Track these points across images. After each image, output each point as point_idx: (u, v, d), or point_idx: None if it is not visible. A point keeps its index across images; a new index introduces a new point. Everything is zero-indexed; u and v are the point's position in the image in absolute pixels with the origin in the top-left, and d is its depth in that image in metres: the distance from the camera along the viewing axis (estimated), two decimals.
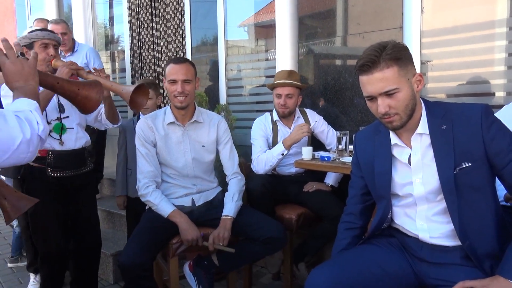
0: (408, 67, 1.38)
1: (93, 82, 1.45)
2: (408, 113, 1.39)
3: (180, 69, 2.26)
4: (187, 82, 2.26)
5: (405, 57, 1.38)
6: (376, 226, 1.60)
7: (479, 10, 2.43)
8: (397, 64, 1.35)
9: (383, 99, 1.38)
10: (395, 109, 1.38)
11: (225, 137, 2.46)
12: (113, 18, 5.02)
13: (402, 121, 1.40)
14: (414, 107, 1.40)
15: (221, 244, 2.17)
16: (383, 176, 1.53)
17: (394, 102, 1.37)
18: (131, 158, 2.88)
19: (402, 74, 1.36)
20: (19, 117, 1.08)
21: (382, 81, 1.35)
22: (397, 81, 1.35)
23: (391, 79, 1.35)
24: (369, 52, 1.38)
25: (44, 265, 2.36)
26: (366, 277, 1.46)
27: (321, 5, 3.09)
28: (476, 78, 2.49)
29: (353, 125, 2.87)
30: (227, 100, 3.81)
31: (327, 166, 2.38)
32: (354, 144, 1.71)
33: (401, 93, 1.36)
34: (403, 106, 1.37)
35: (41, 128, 1.13)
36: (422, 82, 1.42)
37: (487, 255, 1.38)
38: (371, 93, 1.40)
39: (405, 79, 1.37)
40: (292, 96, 2.71)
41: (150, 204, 2.28)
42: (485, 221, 1.40)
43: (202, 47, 4.05)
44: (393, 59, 1.35)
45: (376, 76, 1.36)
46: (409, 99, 1.38)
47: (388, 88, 1.35)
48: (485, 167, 1.38)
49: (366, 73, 1.38)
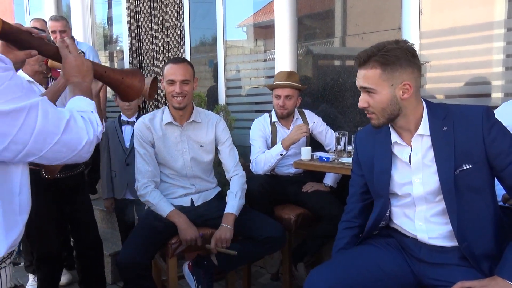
0: (396, 73, 1.39)
1: (135, 70, 1.46)
2: (386, 116, 1.45)
3: (178, 69, 2.25)
4: (186, 82, 2.26)
5: (396, 63, 1.39)
6: (373, 225, 1.60)
7: (477, 11, 2.44)
8: (382, 68, 1.40)
9: (364, 94, 1.47)
10: (372, 108, 1.45)
11: (224, 136, 2.46)
12: (112, 18, 5.02)
13: (379, 121, 1.46)
14: (395, 112, 1.44)
15: (223, 246, 2.17)
16: (383, 174, 1.54)
17: (372, 101, 1.44)
18: (115, 160, 2.88)
19: (384, 79, 1.40)
20: (84, 118, 1.09)
21: (363, 78, 1.44)
22: (376, 83, 1.41)
23: (370, 79, 1.42)
24: (368, 49, 1.44)
25: (41, 266, 2.36)
26: (365, 278, 1.47)
27: (320, 6, 3.09)
28: (475, 79, 2.49)
29: (352, 126, 2.87)
30: (226, 100, 3.81)
31: (326, 166, 2.39)
32: (354, 142, 1.73)
33: (377, 95, 1.42)
34: (379, 108, 1.44)
35: (99, 129, 1.15)
36: (410, 91, 1.41)
37: (485, 256, 1.39)
38: (357, 85, 1.50)
39: (386, 83, 1.40)
40: (291, 98, 2.72)
41: (149, 204, 2.28)
42: (484, 222, 1.41)
43: (201, 47, 4.06)
44: (379, 63, 1.40)
45: (361, 72, 1.46)
46: (386, 103, 1.42)
47: (365, 85, 1.43)
48: (485, 169, 1.39)
49: (357, 66, 1.48)
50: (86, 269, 2.52)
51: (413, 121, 1.46)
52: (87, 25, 5.04)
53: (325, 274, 1.48)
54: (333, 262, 1.57)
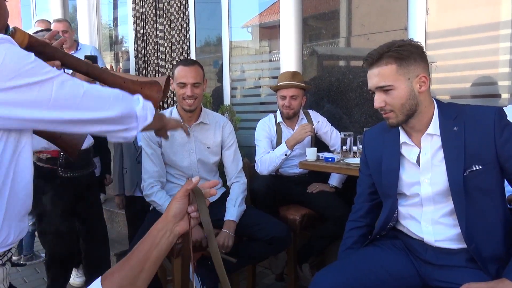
0: (411, 67, 1.39)
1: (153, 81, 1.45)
2: (405, 113, 1.42)
3: (189, 72, 2.25)
4: (197, 85, 2.26)
5: (410, 57, 1.39)
6: (382, 225, 1.60)
7: (483, 11, 2.43)
8: (397, 63, 1.39)
9: (379, 94, 1.43)
10: (390, 106, 1.42)
11: (229, 140, 2.46)
12: (118, 19, 5.04)
13: (398, 119, 1.43)
14: (413, 107, 1.42)
15: (223, 252, 2.16)
16: (391, 174, 1.53)
17: (390, 99, 1.41)
18: (127, 157, 2.93)
19: (401, 73, 1.39)
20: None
21: (378, 76, 1.42)
22: (393, 79, 1.39)
23: (387, 76, 1.40)
24: (377, 48, 1.43)
25: (53, 266, 2.37)
26: (370, 280, 1.47)
27: (325, 6, 3.09)
28: (481, 80, 2.48)
29: (357, 127, 2.86)
30: (231, 101, 3.82)
31: (332, 167, 2.38)
32: (363, 141, 1.73)
33: (396, 91, 1.40)
34: (398, 105, 1.41)
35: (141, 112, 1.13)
36: (427, 84, 1.42)
37: (492, 258, 1.38)
38: (369, 87, 1.47)
39: (403, 78, 1.39)
40: (296, 98, 2.72)
41: (155, 204, 2.28)
42: (492, 224, 1.40)
43: (206, 48, 4.06)
44: (394, 58, 1.39)
45: (374, 71, 1.43)
46: (405, 98, 1.40)
47: (382, 84, 1.41)
48: (495, 171, 1.38)
49: (367, 67, 1.46)
50: (93, 269, 2.53)
51: (425, 120, 1.45)
52: (93, 26, 5.06)
53: (331, 277, 1.47)
54: (338, 264, 1.56)
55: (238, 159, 2.49)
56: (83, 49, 4.01)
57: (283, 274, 2.90)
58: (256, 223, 2.25)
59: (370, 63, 1.44)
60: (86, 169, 2.39)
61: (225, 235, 2.19)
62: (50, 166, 2.25)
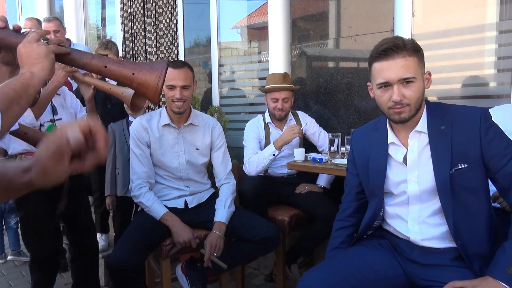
0: (423, 63, 1.43)
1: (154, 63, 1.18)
2: (417, 107, 1.42)
3: (179, 75, 2.22)
4: (186, 88, 2.25)
5: (422, 52, 1.42)
6: (367, 224, 1.61)
7: (469, 14, 2.46)
8: (417, 56, 1.40)
9: (399, 87, 1.39)
10: (408, 99, 1.39)
11: (219, 142, 2.45)
12: (106, 19, 5.00)
13: (411, 113, 1.42)
14: (421, 103, 1.44)
15: (215, 254, 2.16)
16: (378, 173, 1.54)
17: (409, 93, 1.39)
18: (119, 158, 2.92)
19: (420, 67, 1.41)
20: None
21: (403, 68, 1.37)
22: (416, 72, 1.39)
23: (412, 68, 1.38)
24: (391, 39, 1.39)
25: (35, 269, 2.34)
26: (357, 279, 1.47)
27: (313, 8, 3.10)
28: (467, 81, 2.51)
29: (345, 127, 2.88)
30: (220, 102, 3.81)
31: (320, 167, 2.40)
32: (350, 141, 1.73)
33: (416, 84, 1.39)
34: (415, 98, 1.40)
35: None
36: (430, 81, 1.46)
37: (477, 256, 1.40)
38: (389, 79, 1.40)
39: (421, 72, 1.41)
40: (288, 100, 2.75)
41: (143, 205, 2.27)
42: (478, 222, 1.42)
43: (195, 48, 4.05)
44: (415, 50, 1.39)
45: (398, 62, 1.38)
46: (421, 92, 1.42)
47: (408, 75, 1.37)
48: (480, 169, 1.40)
49: (386, 58, 1.39)
50: (81, 273, 2.49)
51: (415, 119, 1.47)
52: (80, 26, 5.02)
53: (318, 277, 1.48)
54: (325, 264, 1.57)
55: (227, 161, 2.48)
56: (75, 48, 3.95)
57: (272, 275, 2.91)
58: (245, 224, 2.26)
59: (393, 52, 1.37)
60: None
61: (216, 237, 2.18)
62: None
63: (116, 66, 1.15)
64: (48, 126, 2.25)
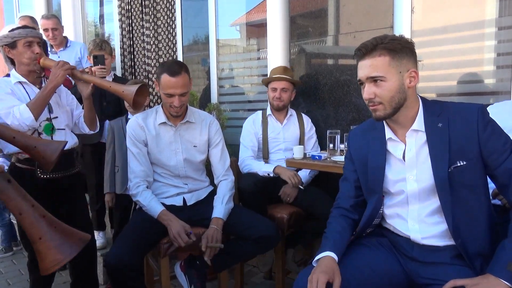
0: (403, 60, 1.41)
1: (53, 143, 1.49)
2: (393, 106, 1.42)
3: (177, 83, 2.16)
4: (184, 94, 2.22)
5: (403, 51, 1.41)
6: (366, 222, 1.59)
7: (468, 10, 2.45)
8: (391, 55, 1.39)
9: (370, 85, 1.43)
10: (379, 97, 1.42)
11: (216, 138, 2.44)
12: (104, 17, 4.98)
13: (386, 112, 1.43)
14: (401, 101, 1.43)
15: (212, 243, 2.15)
16: (377, 171, 1.53)
17: (379, 91, 1.41)
18: (119, 155, 2.92)
19: (393, 66, 1.40)
20: None
21: (370, 67, 1.41)
22: (385, 70, 1.40)
23: (379, 67, 1.40)
24: (369, 40, 1.42)
25: (33, 269, 2.32)
26: (356, 278, 1.46)
27: (312, 5, 3.09)
28: (466, 78, 2.50)
29: (344, 124, 2.87)
30: (219, 99, 3.80)
31: (319, 165, 2.39)
32: (348, 139, 1.72)
33: (387, 83, 1.40)
34: (388, 97, 1.41)
35: None
36: (416, 79, 1.44)
37: (477, 254, 1.39)
38: (359, 77, 1.46)
39: (395, 70, 1.40)
40: (286, 90, 2.82)
41: (140, 204, 2.26)
42: (477, 220, 1.42)
43: (194, 46, 4.04)
44: (388, 50, 1.39)
45: (366, 62, 1.42)
46: (395, 91, 1.41)
47: (374, 74, 1.40)
48: (478, 166, 1.39)
49: (359, 58, 1.44)
50: (79, 272, 2.48)
51: (410, 116, 1.46)
52: (78, 23, 5.00)
53: None
54: None
55: (225, 157, 2.47)
56: (72, 46, 3.95)
57: (271, 272, 2.91)
58: (244, 221, 2.25)
59: (363, 54, 1.42)
60: (68, 170, 2.33)
61: (213, 230, 2.17)
62: (28, 167, 2.20)
63: None
64: (45, 126, 2.23)
